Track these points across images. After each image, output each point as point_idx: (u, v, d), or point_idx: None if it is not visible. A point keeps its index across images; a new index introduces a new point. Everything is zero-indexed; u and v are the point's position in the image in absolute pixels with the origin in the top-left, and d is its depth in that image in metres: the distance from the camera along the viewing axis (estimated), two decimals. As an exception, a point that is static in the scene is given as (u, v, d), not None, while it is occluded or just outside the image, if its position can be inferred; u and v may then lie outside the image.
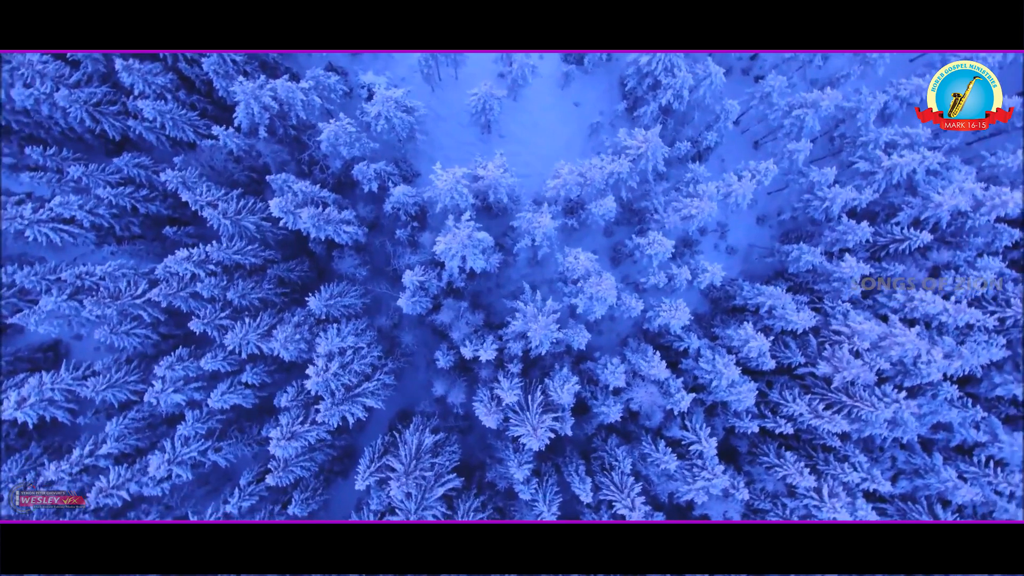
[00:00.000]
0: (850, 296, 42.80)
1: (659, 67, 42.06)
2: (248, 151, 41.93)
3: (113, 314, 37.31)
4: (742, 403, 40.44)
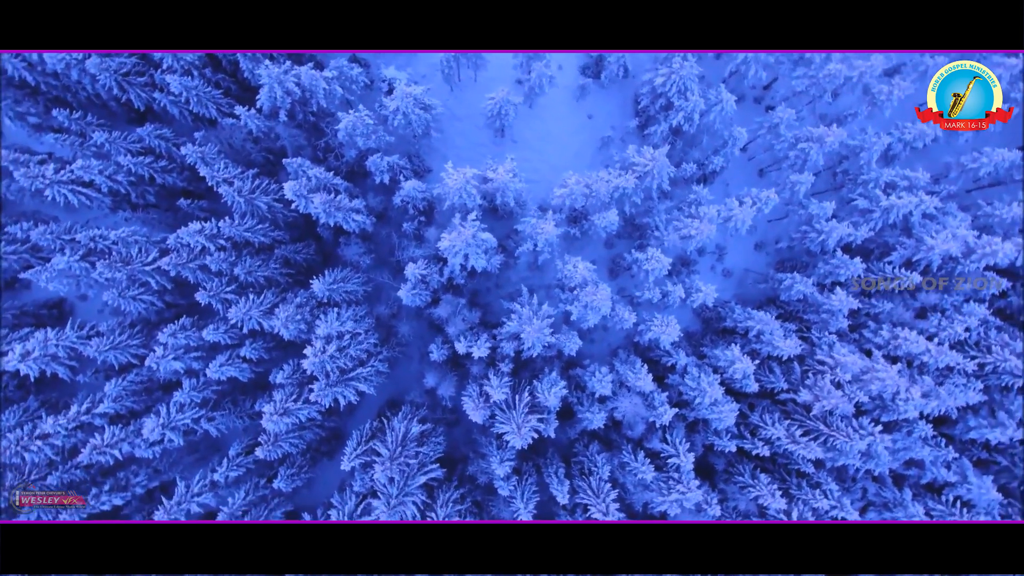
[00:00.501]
0: (837, 328, 43.90)
1: (673, 89, 43.23)
2: (267, 133, 43.13)
3: (122, 278, 38.51)
4: (723, 422, 41.57)
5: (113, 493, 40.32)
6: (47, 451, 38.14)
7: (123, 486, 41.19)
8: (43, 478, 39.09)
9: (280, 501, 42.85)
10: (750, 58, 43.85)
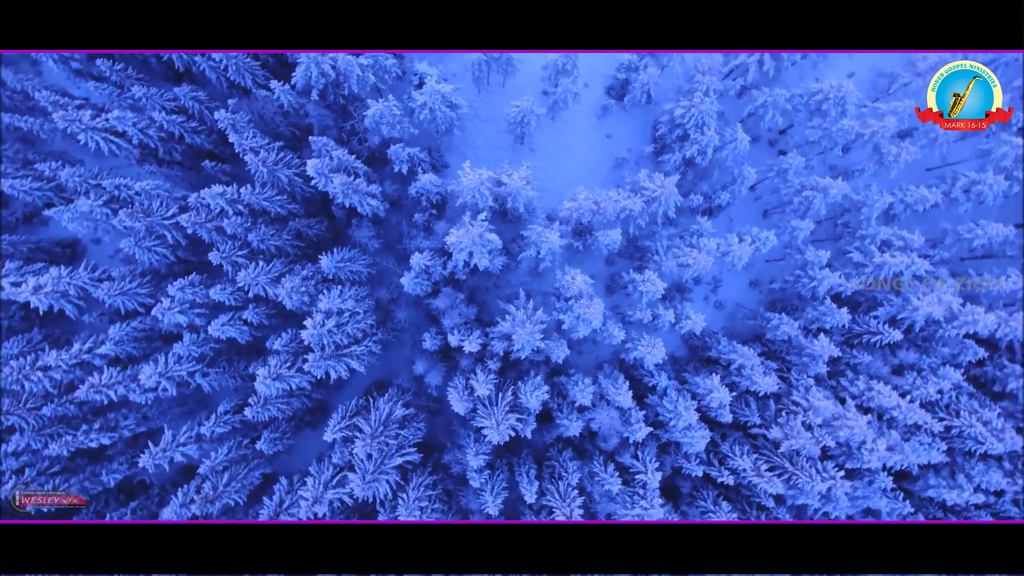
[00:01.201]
0: (816, 373, 45.42)
1: (691, 121, 44.76)
2: (297, 109, 44.72)
3: (141, 229, 40.09)
4: (693, 447, 43.09)
5: (102, 432, 41.74)
6: (46, 383, 39.62)
7: (112, 427, 42.67)
8: (38, 408, 40.61)
9: (260, 462, 44.33)
10: (769, 102, 45.33)
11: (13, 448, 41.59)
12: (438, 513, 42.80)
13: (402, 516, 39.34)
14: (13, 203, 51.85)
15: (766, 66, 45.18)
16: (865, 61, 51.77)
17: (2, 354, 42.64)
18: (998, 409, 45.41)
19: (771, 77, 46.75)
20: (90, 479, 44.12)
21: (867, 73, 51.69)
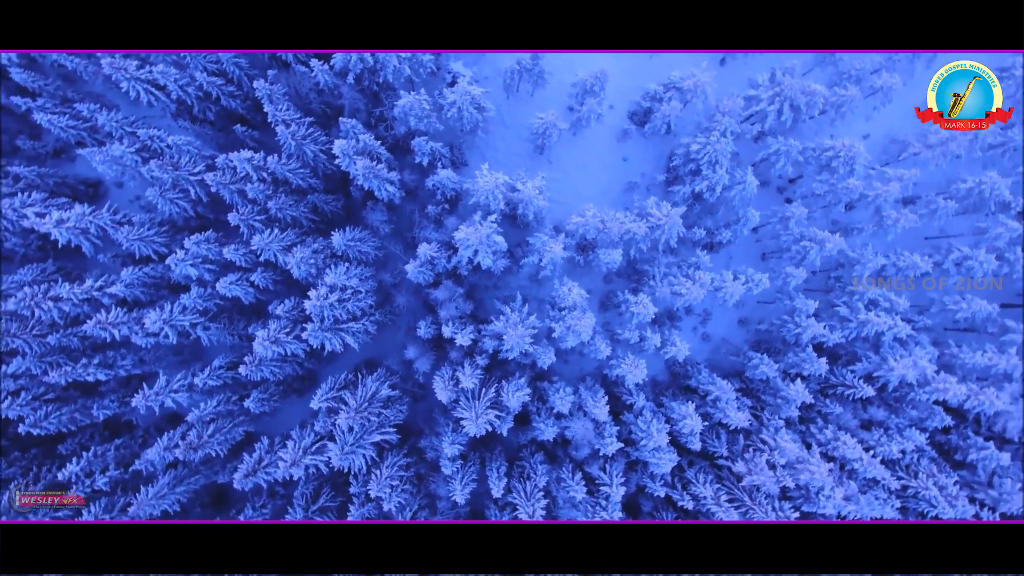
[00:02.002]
0: (787, 416, 47.08)
1: (705, 158, 46.43)
2: (332, 89, 46.45)
3: (168, 180, 41.84)
4: (660, 468, 44.61)
5: (99, 368, 43.38)
6: (55, 313, 41.27)
7: (109, 364, 44.32)
8: (43, 336, 42.29)
9: (245, 420, 45.92)
10: (782, 151, 47.05)
11: (13, 370, 43.24)
12: (407, 494, 44.42)
13: (373, 492, 40.96)
14: (45, 136, 53.65)
15: (784, 115, 46.80)
16: (881, 124, 53.49)
17: (16, 280, 44.32)
18: (956, 477, 47.12)
19: (788, 127, 48.37)
20: (80, 411, 45.75)
21: (881, 137, 53.46)
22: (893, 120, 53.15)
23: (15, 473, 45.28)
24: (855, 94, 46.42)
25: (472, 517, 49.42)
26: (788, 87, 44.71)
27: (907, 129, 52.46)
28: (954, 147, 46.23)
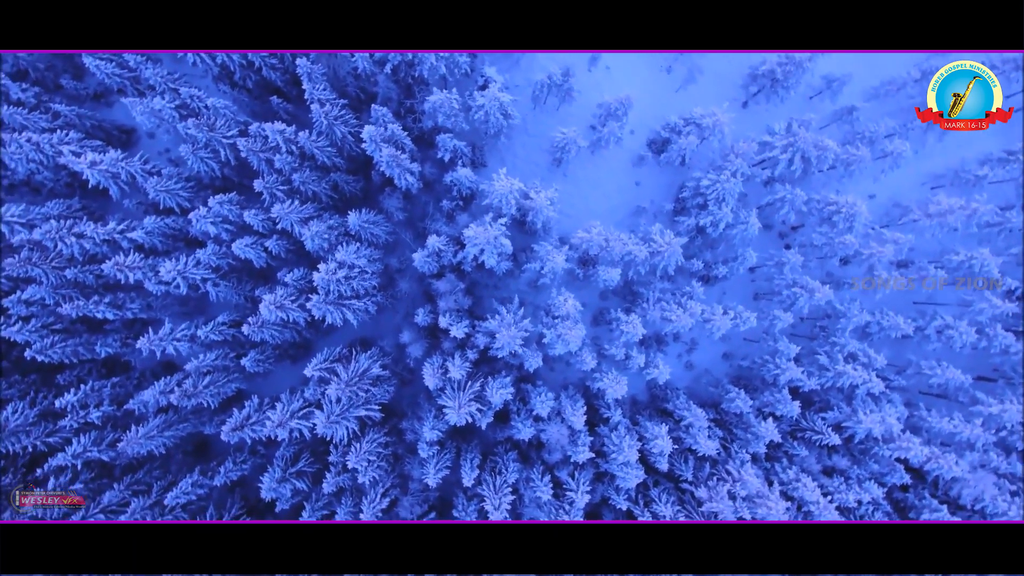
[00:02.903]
0: (754, 451, 48.89)
1: (713, 194, 48.32)
2: (369, 76, 48.46)
3: (202, 139, 43.81)
4: (626, 482, 46.38)
5: (109, 307, 45.26)
6: (76, 248, 43.25)
7: (119, 305, 46.20)
8: (62, 268, 44.25)
9: (239, 377, 47.71)
10: (787, 199, 48.95)
11: (27, 296, 45.21)
12: (382, 471, 46.27)
13: (350, 463, 42.86)
14: (88, 78, 55.75)
15: (794, 165, 48.67)
16: (887, 187, 55.31)
17: (43, 212, 46.28)
18: (907, 534, 48.82)
19: (796, 176, 50.17)
20: (84, 346, 47.69)
21: (885, 199, 55.31)
22: (899, 184, 55.05)
23: (13, 395, 47.15)
24: (865, 155, 48.26)
25: (441, 503, 51.23)
26: (802, 139, 46.61)
27: (911, 195, 54.42)
28: (952, 219, 48.05)
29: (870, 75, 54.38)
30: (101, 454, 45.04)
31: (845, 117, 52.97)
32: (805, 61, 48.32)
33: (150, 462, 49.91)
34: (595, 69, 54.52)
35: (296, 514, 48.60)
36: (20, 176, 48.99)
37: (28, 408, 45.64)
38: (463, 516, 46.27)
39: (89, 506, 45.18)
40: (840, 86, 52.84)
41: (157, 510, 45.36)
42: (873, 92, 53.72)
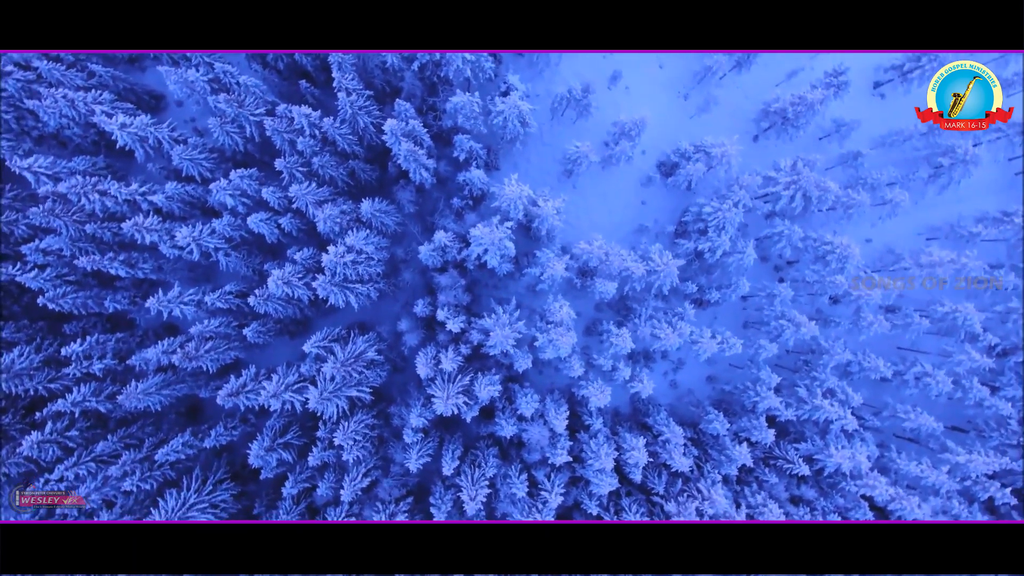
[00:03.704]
0: (726, 473, 50.52)
1: (714, 221, 49.99)
2: (396, 71, 50.22)
3: (231, 114, 45.51)
4: (599, 489, 48.08)
5: (123, 265, 46.88)
6: (97, 205, 44.94)
7: (131, 264, 47.79)
8: (83, 223, 45.96)
9: (238, 346, 49.30)
10: (785, 234, 50.67)
11: (46, 246, 46.88)
12: (366, 452, 47.88)
13: (337, 439, 44.52)
14: (126, 42, 57.38)
15: (795, 202, 50.32)
16: (884, 233, 56.92)
17: (70, 166, 47.96)
18: (864, 569, 50.40)
19: (796, 213, 51.85)
20: (94, 299, 49.28)
21: (880, 245, 56.93)
22: (896, 232, 56.67)
23: (20, 339, 48.76)
24: (865, 200, 50.00)
25: (419, 489, 52.81)
26: (805, 178, 48.31)
27: (905, 244, 56.06)
28: (941, 272, 49.78)
29: (879, 123, 56.03)
30: (99, 405, 46.53)
31: (850, 161, 54.62)
32: (816, 103, 49.99)
33: (144, 418, 51.44)
34: (615, 88, 56.31)
35: (279, 484, 50.23)
36: (50, 129, 50.68)
37: (34, 353, 47.17)
38: (439, 504, 47.75)
39: (80, 454, 46.77)
40: (849, 131, 54.57)
41: (147, 465, 46.87)
42: (880, 140, 55.30)
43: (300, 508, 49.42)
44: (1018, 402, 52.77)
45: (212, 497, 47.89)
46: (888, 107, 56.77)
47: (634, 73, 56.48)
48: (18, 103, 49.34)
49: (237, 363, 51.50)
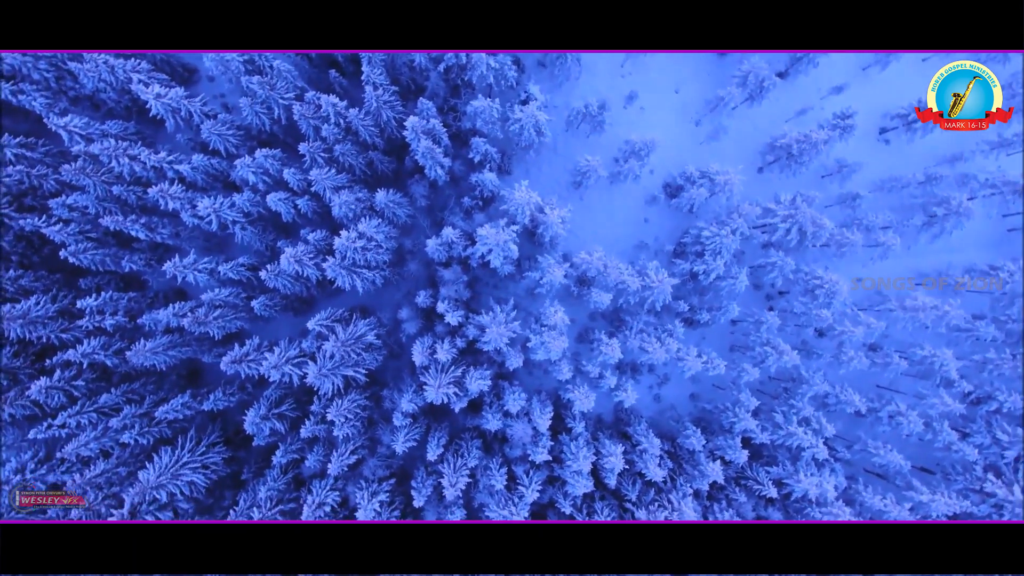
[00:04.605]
0: (697, 488, 52.44)
1: (712, 246, 51.99)
2: (423, 70, 52.40)
3: (262, 95, 47.73)
4: (574, 489, 50.03)
5: (143, 228, 49.04)
6: (127, 168, 47.15)
7: (151, 228, 49.96)
8: (110, 184, 48.17)
9: (245, 317, 51.30)
10: (778, 265, 52.68)
11: (72, 202, 49.10)
12: (355, 430, 49.87)
13: (330, 415, 46.63)
14: (166, 15, 59.65)
15: (791, 235, 52.30)
16: (874, 274, 58.72)
17: (103, 128, 50.20)
18: (820, 594, 52.33)
19: (791, 246, 53.76)
20: (111, 258, 51.45)
21: (870, 285, 58.94)
22: (885, 273, 58.53)
23: (38, 288, 50.93)
24: (858, 240, 51.91)
25: (402, 472, 54.84)
26: (803, 213, 50.32)
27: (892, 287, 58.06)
28: (923, 316, 51.73)
29: (880, 168, 58.09)
30: (106, 359, 48.60)
31: (848, 202, 56.65)
32: (821, 143, 52.00)
33: (147, 376, 53.56)
34: (630, 107, 58.45)
35: (269, 453, 52.33)
36: (87, 91, 52.91)
37: (49, 303, 49.32)
38: (420, 488, 49.67)
39: (84, 404, 48.91)
40: (850, 172, 56.62)
41: (146, 420, 48.98)
42: (879, 184, 57.34)
43: (287, 477, 51.46)
44: (986, 449, 54.69)
45: (204, 458, 49.97)
46: (891, 153, 58.78)
47: (650, 95, 58.63)
48: (60, 63, 51.59)
49: (241, 333, 53.69)
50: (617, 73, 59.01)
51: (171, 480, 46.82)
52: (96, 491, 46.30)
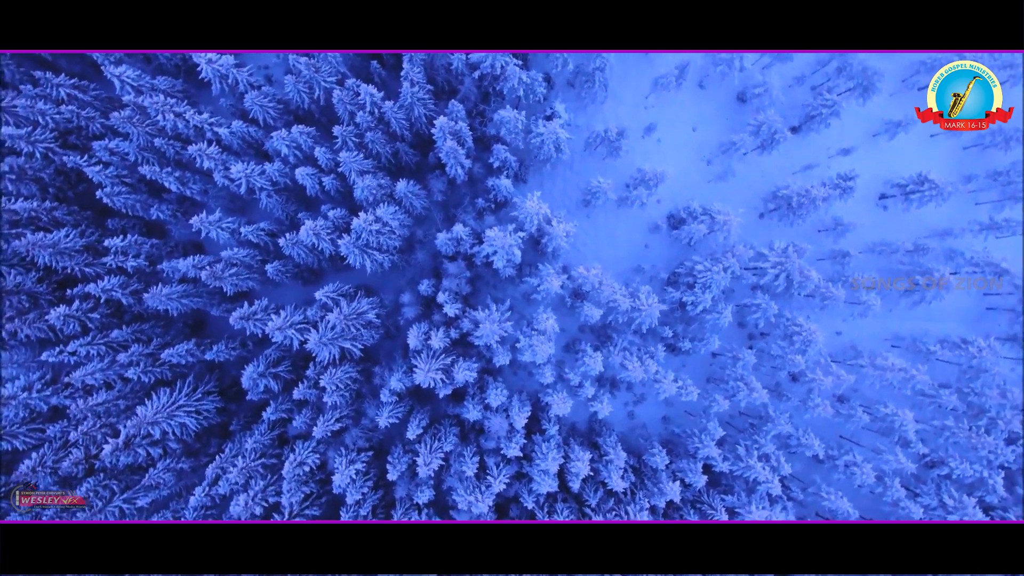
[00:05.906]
0: (654, 504, 55.35)
1: (702, 280, 55.02)
2: (458, 74, 55.53)
3: (306, 75, 50.89)
4: (539, 487, 53.06)
5: (176, 181, 52.22)
6: (170, 124, 50.30)
7: (183, 182, 53.15)
8: (152, 136, 51.37)
9: (257, 278, 54.27)
10: (762, 307, 55.68)
11: (113, 146, 52.30)
12: (343, 399, 52.93)
13: (323, 381, 49.72)
14: (226, -16, 62.89)
15: (778, 281, 55.31)
16: (852, 329, 61.83)
17: (153, 83, 53.45)
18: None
19: (778, 291, 56.79)
20: (141, 204, 54.63)
21: (848, 339, 61.95)
22: (863, 331, 61.62)
23: (69, 221, 54.09)
24: (840, 296, 54.86)
25: (380, 446, 57.88)
26: (792, 262, 53.36)
27: (868, 344, 61.04)
28: (891, 376, 54.69)
29: (874, 231, 61.04)
30: (123, 297, 51.74)
31: (839, 258, 59.64)
32: (820, 199, 54.99)
33: (156, 319, 56.68)
34: (647, 138, 61.48)
35: (259, 409, 55.39)
36: (142, 45, 56.08)
37: (78, 237, 52.47)
38: (396, 463, 52.67)
39: (95, 336, 52.02)
40: (844, 231, 59.61)
41: (150, 360, 52.09)
42: (870, 247, 60.32)
43: (273, 434, 54.51)
44: (931, 511, 57.53)
45: (199, 404, 53.09)
46: (887, 219, 61.64)
47: (668, 129, 61.64)
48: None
49: (251, 292, 56.78)
50: (641, 104, 62.04)
51: (166, 419, 49.90)
52: (95, 419, 49.37)
